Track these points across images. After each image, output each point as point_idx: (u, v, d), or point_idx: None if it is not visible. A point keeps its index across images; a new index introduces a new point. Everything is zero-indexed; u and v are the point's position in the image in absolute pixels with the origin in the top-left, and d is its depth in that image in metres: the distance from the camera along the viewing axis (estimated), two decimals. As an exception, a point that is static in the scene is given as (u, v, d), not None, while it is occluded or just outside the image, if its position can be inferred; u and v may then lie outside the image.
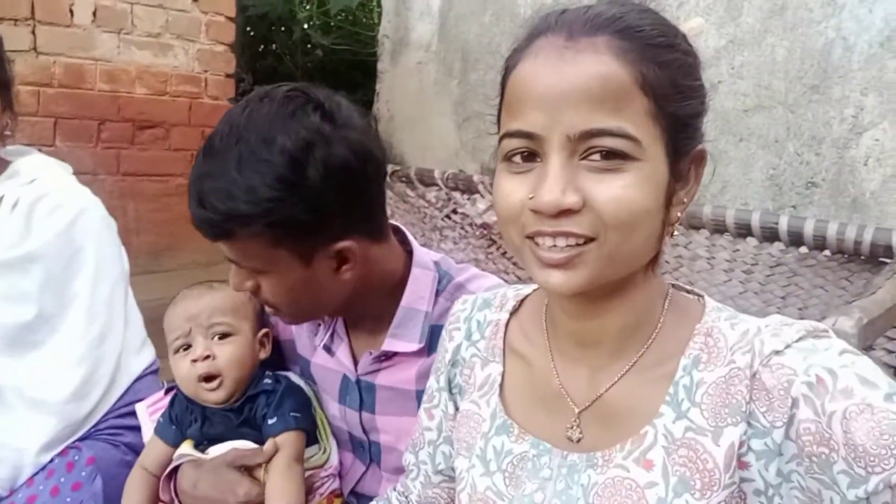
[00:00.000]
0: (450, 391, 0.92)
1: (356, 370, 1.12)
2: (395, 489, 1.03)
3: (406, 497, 1.00)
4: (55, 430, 1.30)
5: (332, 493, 1.17)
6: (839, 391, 0.61)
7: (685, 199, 0.72)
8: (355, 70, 5.76)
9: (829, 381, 0.62)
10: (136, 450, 1.39)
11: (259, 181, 0.90)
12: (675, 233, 0.74)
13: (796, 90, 2.34)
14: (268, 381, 1.14)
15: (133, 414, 1.42)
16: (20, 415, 1.29)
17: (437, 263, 1.11)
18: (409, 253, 1.12)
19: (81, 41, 2.93)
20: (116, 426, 1.40)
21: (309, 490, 1.12)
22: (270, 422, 1.09)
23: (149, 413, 1.28)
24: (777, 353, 0.66)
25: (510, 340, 0.87)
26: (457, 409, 0.91)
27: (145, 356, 1.51)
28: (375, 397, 1.11)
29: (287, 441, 1.08)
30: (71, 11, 2.89)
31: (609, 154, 0.65)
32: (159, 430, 1.18)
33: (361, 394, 1.12)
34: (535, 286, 0.90)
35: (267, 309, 1.09)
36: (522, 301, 0.90)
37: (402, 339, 1.07)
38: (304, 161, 0.91)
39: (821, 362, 0.63)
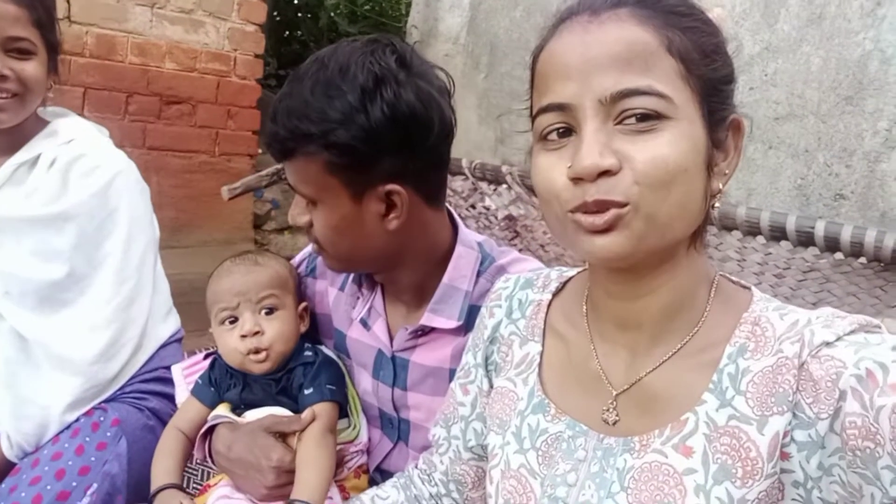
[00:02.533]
0: (486, 368, 0.92)
1: (392, 346, 1.13)
2: (416, 466, 1.03)
3: (429, 474, 1.00)
4: (81, 390, 1.30)
5: (359, 468, 1.18)
6: (889, 386, 0.60)
7: (726, 171, 0.71)
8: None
9: (879, 375, 0.61)
10: (159, 416, 1.40)
11: (327, 104, 0.95)
12: (710, 230, 0.73)
13: (829, 100, 2.32)
14: (308, 352, 1.15)
15: (158, 380, 1.44)
16: (47, 373, 1.29)
17: (480, 244, 1.12)
18: (455, 231, 1.12)
19: (115, 13, 2.94)
20: (142, 391, 1.41)
21: (339, 463, 1.13)
22: (307, 392, 1.10)
23: (184, 375, 1.28)
24: (827, 344, 0.65)
25: (551, 321, 0.87)
26: (491, 386, 0.91)
27: (171, 324, 1.52)
28: (408, 374, 1.11)
29: (322, 411, 1.09)
30: (106, -18, 2.91)
31: (643, 116, 0.65)
32: (196, 391, 1.19)
33: (395, 370, 1.12)
34: (578, 269, 0.90)
35: (312, 249, 1.11)
36: (565, 283, 0.90)
37: (441, 314, 1.07)
38: (372, 94, 0.95)
39: (872, 356, 0.62)
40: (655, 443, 0.71)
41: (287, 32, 5.88)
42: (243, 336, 1.11)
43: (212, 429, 1.15)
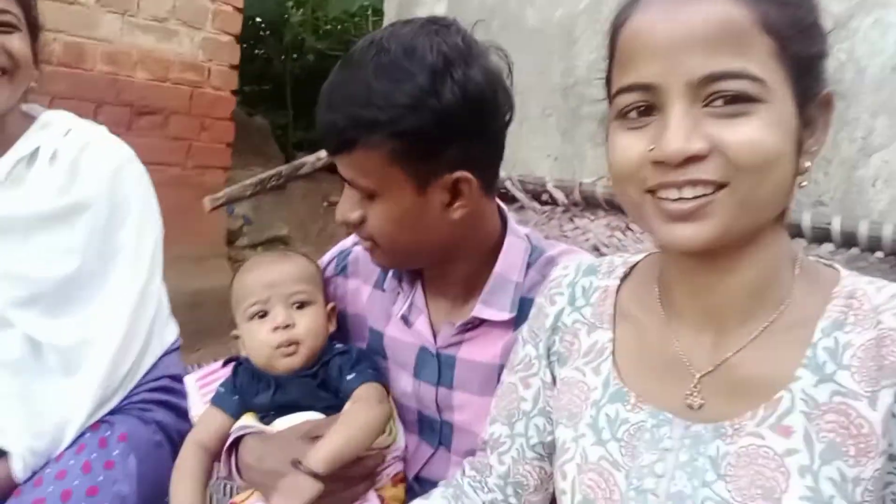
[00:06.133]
0: (548, 359, 0.88)
1: (436, 342, 1.07)
2: (464, 474, 0.97)
3: (482, 480, 0.94)
4: (99, 397, 1.22)
5: (396, 476, 1.11)
6: None
7: (814, 148, 0.70)
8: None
9: None
10: (166, 430, 1.32)
11: (395, 88, 0.89)
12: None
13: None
14: (339, 345, 1.12)
15: (163, 390, 1.35)
16: (62, 382, 1.21)
17: (527, 235, 1.08)
18: (504, 221, 1.08)
19: (84, 19, 2.84)
20: (147, 400, 1.32)
21: (375, 471, 1.06)
22: (349, 377, 1.06)
23: (198, 386, 1.20)
24: None
25: (621, 306, 0.84)
26: (554, 378, 0.87)
27: (172, 329, 1.44)
28: (455, 372, 1.06)
29: (368, 389, 1.05)
30: (75, -12, 2.80)
31: (734, 98, 0.63)
32: (218, 400, 1.11)
33: (440, 367, 1.07)
34: (642, 255, 0.88)
35: (362, 245, 1.05)
36: (632, 268, 0.87)
37: (492, 306, 1.02)
38: (443, 75, 0.90)
39: None
40: (749, 425, 0.69)
41: (251, 49, 5.80)
42: (275, 328, 1.06)
43: (237, 441, 1.07)
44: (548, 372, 0.88)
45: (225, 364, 1.17)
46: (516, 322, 1.01)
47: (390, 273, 1.12)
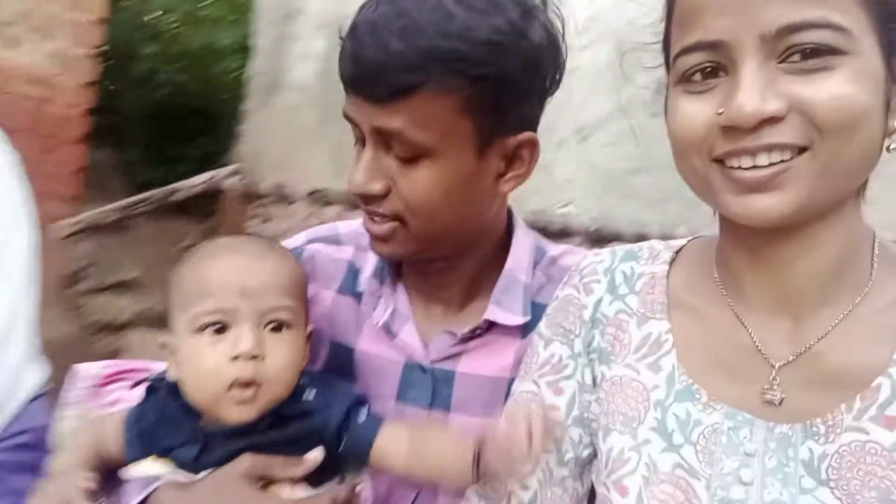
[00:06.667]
0: (587, 356, 0.77)
1: (428, 355, 0.90)
2: None
3: None
4: None
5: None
6: None
7: None
8: (196, 116, 5.37)
9: None
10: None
11: (483, 21, 0.75)
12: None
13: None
14: (307, 397, 0.83)
15: (24, 448, 1.05)
16: None
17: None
18: (508, 214, 0.96)
19: None
20: (2, 464, 1.02)
21: None
22: (361, 420, 0.81)
23: (91, 383, 0.90)
24: None
25: (674, 294, 0.75)
26: (593, 379, 0.76)
27: (40, 368, 1.14)
28: (454, 390, 0.89)
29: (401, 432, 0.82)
30: None
31: (814, 52, 0.58)
32: (125, 425, 0.83)
33: (435, 386, 0.90)
34: (683, 240, 0.80)
35: (371, 229, 0.85)
36: (677, 252, 0.79)
37: (506, 308, 0.88)
38: (531, 15, 0.79)
39: None
40: (846, 420, 0.62)
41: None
42: (235, 357, 0.77)
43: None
44: (587, 372, 0.77)
45: (135, 386, 0.90)
46: (526, 329, 0.88)
47: (368, 272, 0.94)
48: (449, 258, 0.91)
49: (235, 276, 0.80)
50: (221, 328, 0.79)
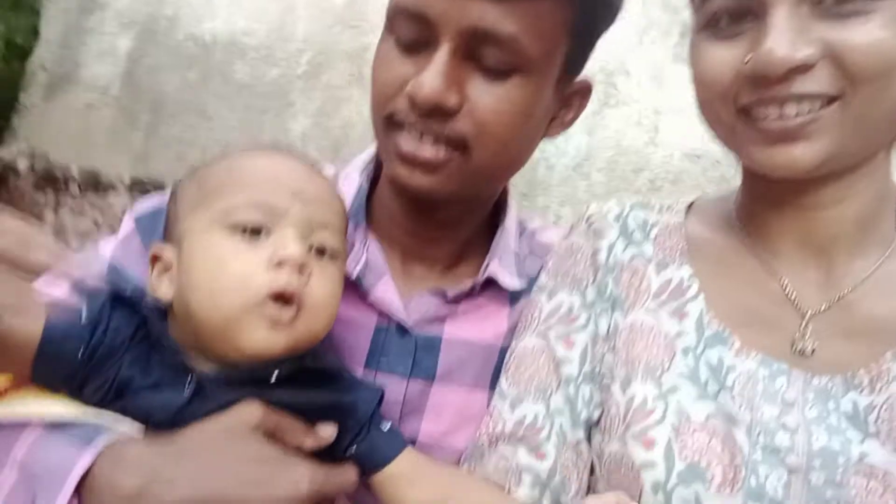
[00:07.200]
0: (603, 304, 0.72)
1: (409, 317, 0.78)
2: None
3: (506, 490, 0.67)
4: None
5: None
6: None
7: None
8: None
9: None
10: None
11: None
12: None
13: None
14: (337, 364, 0.69)
15: None
16: None
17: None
18: None
19: None
20: None
21: None
22: (385, 428, 0.67)
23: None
24: None
25: (694, 242, 0.71)
26: (608, 327, 0.70)
27: None
28: (440, 357, 0.78)
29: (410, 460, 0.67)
30: None
31: None
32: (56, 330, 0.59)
33: (416, 352, 0.78)
34: (692, 197, 0.77)
35: (423, 153, 0.70)
36: (689, 207, 0.77)
37: (506, 268, 0.80)
38: None
39: None
40: (893, 369, 0.59)
41: None
42: (279, 263, 0.61)
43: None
44: (603, 320, 0.70)
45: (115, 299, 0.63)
46: (514, 298, 0.81)
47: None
48: (463, 209, 0.81)
49: (290, 176, 0.65)
50: (257, 231, 0.61)
